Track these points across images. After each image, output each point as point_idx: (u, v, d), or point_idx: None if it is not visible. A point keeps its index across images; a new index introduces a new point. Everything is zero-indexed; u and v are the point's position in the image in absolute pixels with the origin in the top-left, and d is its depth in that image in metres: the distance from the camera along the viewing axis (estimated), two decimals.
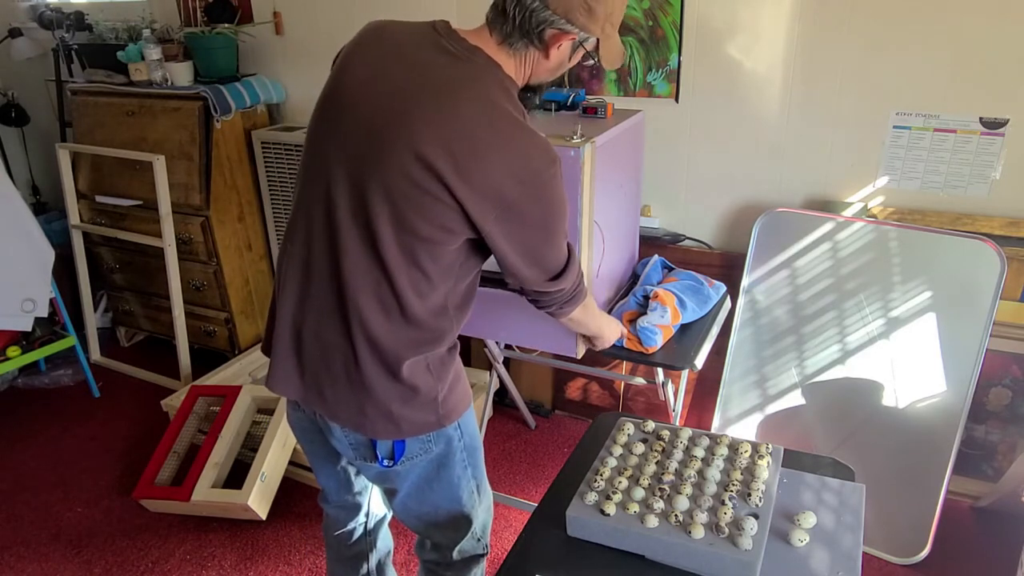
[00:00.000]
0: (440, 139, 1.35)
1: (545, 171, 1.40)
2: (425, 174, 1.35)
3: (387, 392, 1.54)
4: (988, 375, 2.58)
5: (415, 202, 1.38)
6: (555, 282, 1.56)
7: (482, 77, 1.43)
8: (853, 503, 1.55)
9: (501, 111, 1.39)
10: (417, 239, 1.41)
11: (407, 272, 1.45)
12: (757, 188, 2.86)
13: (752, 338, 2.78)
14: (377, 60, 1.48)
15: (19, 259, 3.24)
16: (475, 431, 1.76)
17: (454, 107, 1.37)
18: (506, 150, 1.37)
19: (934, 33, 2.43)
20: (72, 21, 3.85)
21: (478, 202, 1.37)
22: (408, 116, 1.37)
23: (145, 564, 2.68)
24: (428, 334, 1.53)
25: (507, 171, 1.37)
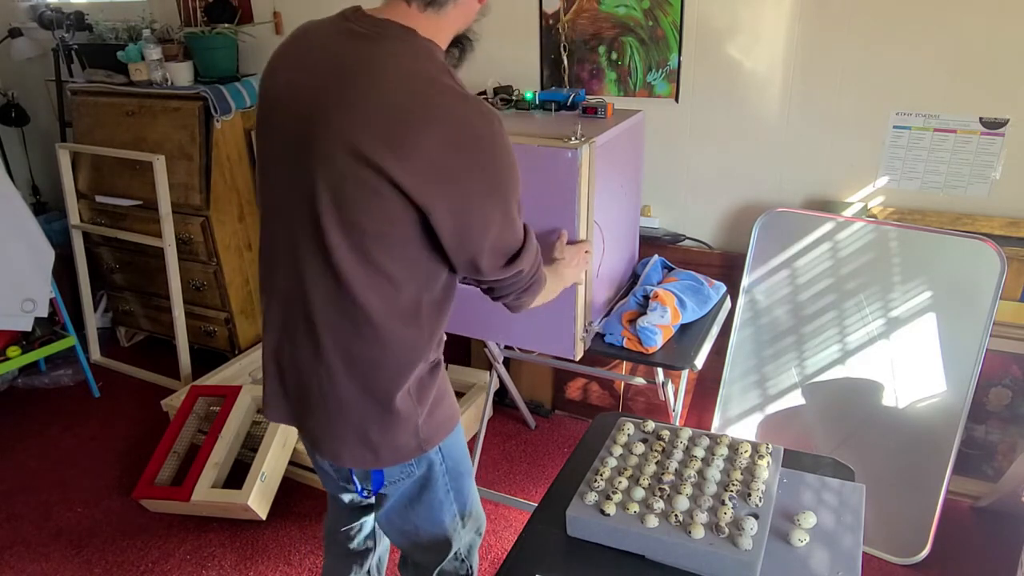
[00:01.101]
0: (366, 126, 1.27)
1: (485, 133, 1.30)
2: (359, 166, 1.27)
3: (363, 416, 1.49)
4: (988, 375, 2.58)
5: (357, 198, 1.30)
6: (512, 265, 1.44)
7: (396, 49, 1.33)
8: (853, 503, 1.55)
9: (424, 79, 1.30)
10: (367, 237, 1.33)
11: (365, 275, 1.36)
12: (757, 188, 2.86)
13: (752, 338, 2.78)
14: (296, 62, 1.41)
15: (19, 259, 3.23)
16: (461, 455, 1.71)
17: (373, 89, 1.28)
18: (437, 119, 1.27)
19: (934, 33, 2.43)
20: (72, 21, 3.85)
21: (418, 181, 1.27)
22: (330, 111, 1.30)
23: (145, 564, 2.68)
24: (400, 346, 1.44)
25: (442, 140, 1.26)
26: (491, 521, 2.82)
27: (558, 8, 2.93)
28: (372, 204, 1.30)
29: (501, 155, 1.33)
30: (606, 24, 2.87)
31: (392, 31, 1.35)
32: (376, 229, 1.32)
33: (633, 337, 2.31)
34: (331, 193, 1.32)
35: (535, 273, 1.54)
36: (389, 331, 1.42)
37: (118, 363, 4.01)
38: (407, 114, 1.26)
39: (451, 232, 1.33)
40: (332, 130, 1.29)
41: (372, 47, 1.33)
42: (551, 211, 2.08)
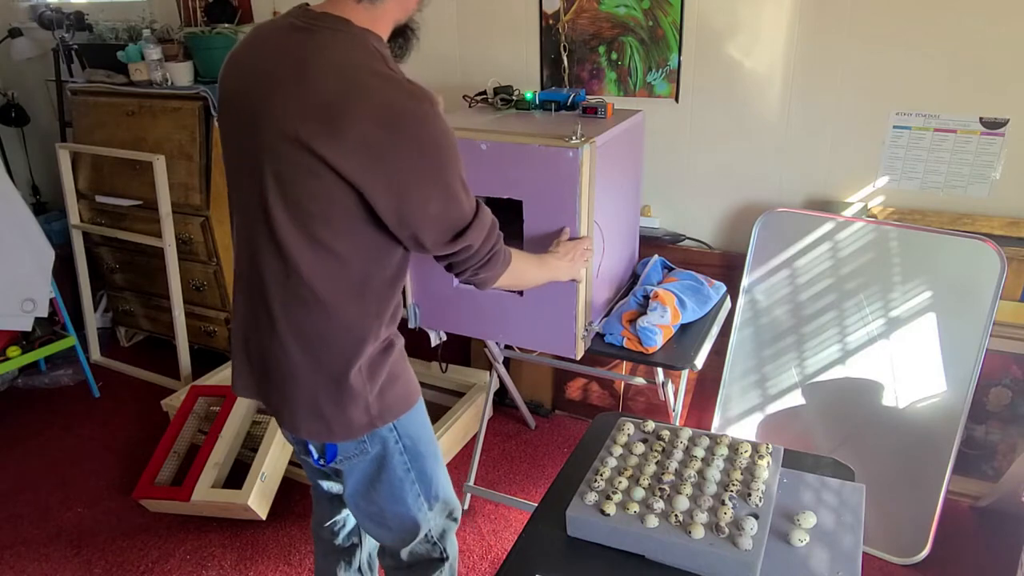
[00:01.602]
0: (301, 112, 1.34)
1: (412, 111, 1.36)
2: (297, 151, 1.35)
3: (317, 390, 1.55)
4: (988, 375, 2.58)
5: (298, 181, 1.38)
6: (459, 239, 1.47)
7: (330, 39, 1.40)
8: (853, 503, 1.55)
9: (354, 66, 1.37)
10: (311, 217, 1.41)
11: (311, 254, 1.44)
12: (757, 188, 2.86)
13: (752, 338, 2.78)
14: (244, 59, 1.51)
15: (19, 259, 3.23)
16: (420, 435, 1.73)
17: (306, 77, 1.36)
18: (365, 101, 1.33)
19: (934, 33, 2.43)
20: (72, 21, 3.85)
21: (351, 162, 1.34)
22: (269, 101, 1.39)
23: (145, 564, 2.68)
24: (349, 323, 1.51)
25: (371, 121, 1.33)
26: (491, 521, 2.82)
27: (558, 8, 2.93)
28: (312, 186, 1.38)
29: (433, 132, 1.37)
30: (606, 24, 2.87)
31: (327, 22, 1.42)
32: (319, 210, 1.40)
33: (633, 337, 2.31)
34: (275, 178, 1.40)
35: (491, 249, 1.55)
36: (336, 307, 1.48)
37: (118, 363, 4.01)
38: (337, 98, 1.33)
39: (389, 209, 1.39)
40: (272, 118, 1.38)
41: (308, 39, 1.41)
42: (551, 211, 2.08)
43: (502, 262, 1.61)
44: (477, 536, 2.76)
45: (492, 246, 1.55)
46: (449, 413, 3.17)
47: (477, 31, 3.15)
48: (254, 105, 1.43)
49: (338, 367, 1.53)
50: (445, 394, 3.47)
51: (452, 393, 3.44)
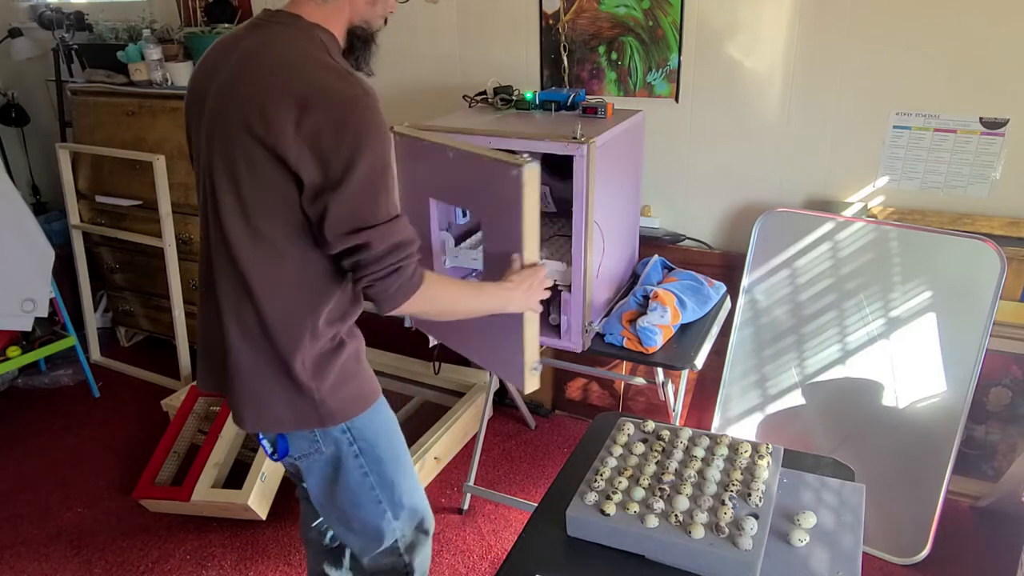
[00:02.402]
0: (244, 101, 1.40)
1: (349, 97, 1.38)
2: (240, 137, 1.40)
3: (260, 381, 1.56)
4: (988, 375, 2.58)
5: (240, 169, 1.43)
6: (359, 235, 1.41)
7: (278, 33, 1.47)
8: (853, 503, 1.55)
9: (296, 54, 1.43)
10: (250, 205, 1.45)
11: (250, 244, 1.47)
12: (757, 188, 2.86)
13: (752, 338, 2.78)
14: (204, 64, 1.56)
15: (19, 259, 3.23)
16: (378, 439, 1.70)
17: (250, 69, 1.43)
18: (302, 85, 1.38)
19: (934, 33, 2.43)
20: (72, 21, 3.85)
21: (286, 144, 1.37)
22: (220, 95, 1.46)
23: (145, 564, 2.68)
24: (284, 315, 1.51)
25: (306, 103, 1.36)
26: (491, 521, 2.82)
27: (558, 8, 2.93)
28: (252, 174, 1.42)
29: (365, 122, 1.38)
30: (606, 24, 2.87)
31: (279, 18, 1.50)
32: (259, 198, 1.44)
33: (633, 337, 2.31)
34: (222, 168, 1.46)
35: (394, 263, 1.45)
36: (272, 299, 1.50)
37: (118, 363, 4.01)
38: (277, 85, 1.38)
39: (312, 183, 1.39)
40: (219, 110, 1.45)
41: (259, 34, 1.48)
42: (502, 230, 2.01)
43: (408, 283, 1.49)
44: (477, 536, 2.76)
45: (397, 260, 1.46)
46: (449, 413, 3.17)
47: (477, 31, 3.15)
48: (205, 102, 1.49)
49: (278, 359, 1.54)
50: (445, 394, 3.47)
51: (452, 393, 3.44)
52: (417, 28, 3.27)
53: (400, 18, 3.24)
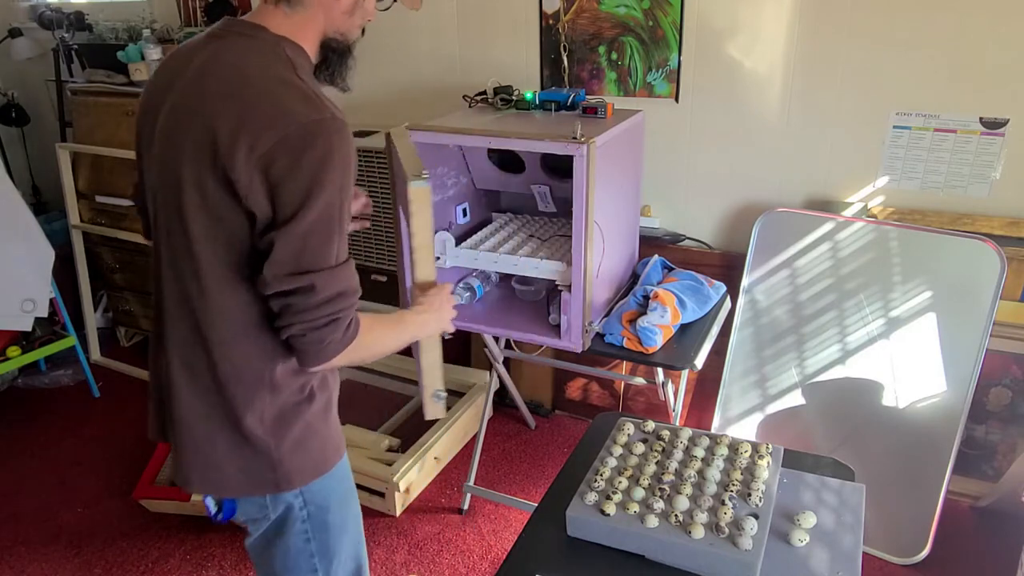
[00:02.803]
0: (194, 121, 1.28)
1: (311, 123, 1.25)
2: (187, 162, 1.28)
3: (210, 437, 1.41)
4: (988, 375, 2.58)
5: (187, 196, 1.29)
6: (304, 277, 1.26)
7: (238, 45, 1.33)
8: (853, 503, 1.55)
9: (256, 69, 1.30)
10: (197, 238, 1.31)
11: (202, 279, 1.33)
12: (757, 188, 2.86)
13: (752, 338, 2.78)
14: (157, 78, 1.43)
15: (19, 259, 3.23)
16: (331, 503, 1.55)
17: (203, 84, 1.30)
18: (259, 105, 1.25)
19: (934, 33, 2.43)
20: (72, 21, 3.85)
21: (237, 170, 1.23)
22: (170, 114, 1.33)
23: (145, 564, 2.68)
24: (239, 364, 1.37)
25: (262, 125, 1.23)
26: (491, 521, 2.82)
27: (558, 8, 2.93)
28: (203, 202, 1.29)
29: (326, 152, 1.25)
30: (606, 24, 2.87)
31: (241, 29, 1.36)
32: (210, 229, 1.30)
33: (633, 337, 2.31)
34: (172, 194, 1.32)
35: (334, 312, 1.31)
36: (225, 345, 1.36)
37: (118, 363, 4.01)
38: (235, 104, 1.26)
39: (262, 212, 1.26)
40: (171, 128, 1.33)
41: (217, 46, 1.35)
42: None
43: (343, 337, 1.34)
44: (477, 536, 2.76)
45: (337, 310, 1.31)
46: (449, 413, 3.17)
47: (477, 31, 3.15)
48: (157, 121, 1.36)
49: (232, 414, 1.39)
50: None
51: (452, 393, 3.44)
52: (417, 28, 3.27)
53: (400, 18, 3.24)
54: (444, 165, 2.52)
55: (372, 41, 3.39)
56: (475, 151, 2.60)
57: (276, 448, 1.42)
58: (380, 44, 3.37)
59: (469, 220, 2.70)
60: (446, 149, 2.49)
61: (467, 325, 2.53)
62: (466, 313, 2.56)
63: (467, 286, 2.59)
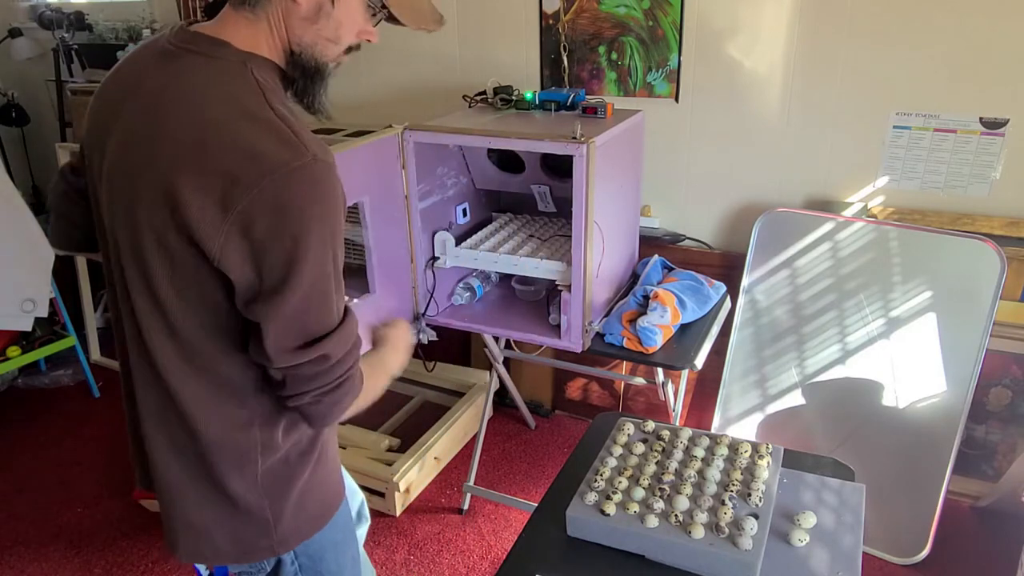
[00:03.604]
0: (151, 165, 1.08)
1: (285, 165, 1.05)
2: (150, 211, 1.09)
3: (194, 505, 1.27)
4: (988, 375, 2.58)
5: (146, 249, 1.11)
6: (314, 347, 1.12)
7: (196, 68, 1.12)
8: (853, 503, 1.55)
9: (219, 103, 1.09)
10: (160, 297, 1.14)
11: (168, 343, 1.17)
12: (757, 188, 2.86)
13: (752, 338, 2.78)
14: (105, 95, 1.22)
15: (19, 259, 3.23)
16: (325, 553, 1.43)
17: (158, 120, 1.10)
18: (224, 148, 1.05)
19: (934, 33, 2.43)
20: (72, 21, 3.85)
21: (202, 225, 1.05)
22: (119, 152, 1.14)
23: (145, 564, 2.68)
24: (219, 437, 1.22)
25: (230, 172, 1.04)
26: (491, 521, 2.82)
27: (558, 8, 2.93)
28: (166, 260, 1.11)
29: (306, 197, 1.07)
30: (606, 24, 2.87)
31: (200, 46, 1.14)
32: (176, 291, 1.13)
33: (633, 337, 2.31)
34: (129, 246, 1.14)
35: (348, 370, 1.18)
36: (207, 414, 1.21)
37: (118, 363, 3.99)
38: (198, 150, 1.06)
39: (241, 287, 1.10)
40: (123, 167, 1.13)
41: (172, 69, 1.14)
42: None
43: (354, 390, 1.22)
44: (477, 536, 2.75)
45: (347, 368, 1.18)
46: (449, 413, 3.17)
47: (477, 31, 3.15)
48: (106, 149, 1.16)
49: (219, 480, 1.24)
50: (445, 394, 3.47)
51: (452, 393, 3.44)
52: None
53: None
54: (444, 165, 2.52)
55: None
56: (475, 151, 2.60)
57: (271, 509, 1.28)
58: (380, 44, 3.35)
59: (469, 220, 2.69)
60: (446, 149, 2.49)
61: (467, 325, 2.53)
62: (466, 313, 2.57)
63: (467, 286, 2.59)
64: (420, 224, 2.41)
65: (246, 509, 1.26)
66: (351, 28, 1.22)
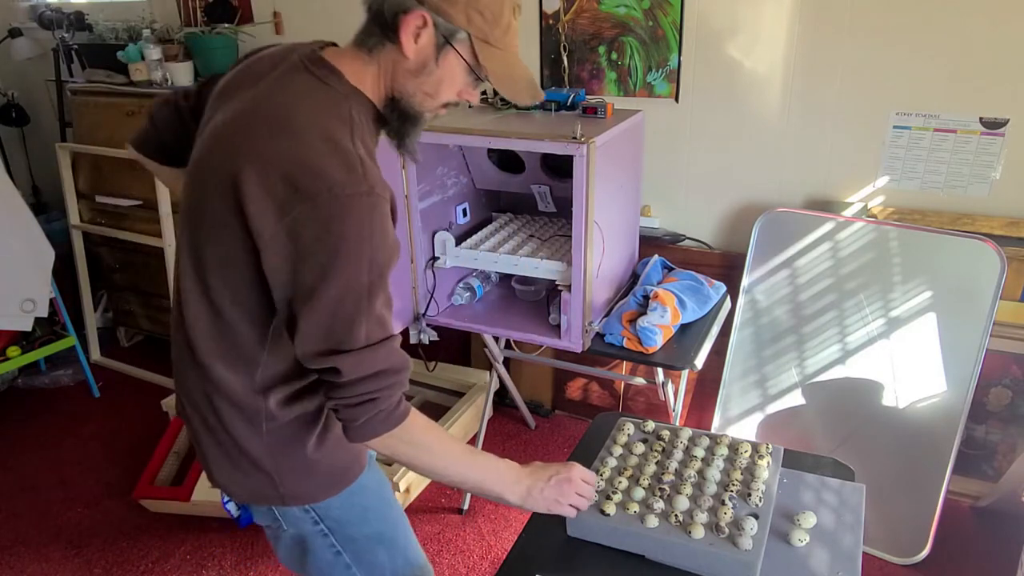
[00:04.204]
0: (238, 154, 1.19)
1: (346, 192, 1.15)
2: (220, 193, 1.21)
3: (213, 445, 1.41)
4: (988, 375, 2.58)
5: (209, 225, 1.25)
6: (330, 358, 1.20)
7: (306, 87, 1.26)
8: (853, 503, 1.55)
9: (309, 120, 1.22)
10: (208, 267, 1.27)
11: (201, 307, 1.31)
12: (757, 188, 2.86)
13: (752, 338, 2.78)
14: (228, 89, 1.35)
15: (19, 259, 3.23)
16: (351, 517, 1.51)
17: (257, 119, 1.23)
18: (298, 161, 1.16)
19: (934, 33, 2.43)
20: (72, 21, 3.85)
21: (261, 218, 1.17)
22: (222, 135, 1.26)
23: (145, 564, 2.68)
24: (234, 396, 1.34)
25: (294, 182, 1.15)
26: (491, 521, 2.82)
27: (558, 8, 2.93)
28: (219, 234, 1.23)
29: (358, 226, 1.16)
30: (606, 24, 2.87)
31: (320, 71, 1.28)
32: (218, 261, 1.26)
33: (633, 337, 2.31)
34: (197, 219, 1.28)
35: (368, 393, 1.24)
36: (214, 372, 1.33)
37: (118, 363, 4.00)
38: (275, 155, 1.17)
39: (279, 281, 1.20)
40: (209, 151, 1.27)
41: (286, 80, 1.27)
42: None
43: (383, 418, 1.28)
44: (477, 536, 2.75)
45: (374, 389, 1.24)
46: (449, 413, 3.16)
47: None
48: (209, 122, 1.32)
49: (230, 433, 1.38)
50: (445, 394, 3.47)
51: (452, 393, 3.44)
52: None
53: None
54: (444, 165, 2.52)
55: None
56: (475, 151, 2.60)
57: (275, 468, 1.39)
58: None
59: (469, 220, 2.70)
60: (446, 149, 2.49)
61: (467, 325, 2.53)
62: (466, 313, 2.57)
63: (467, 286, 2.60)
64: (420, 224, 2.42)
65: (254, 461, 1.38)
66: (451, 87, 1.32)
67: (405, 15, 1.23)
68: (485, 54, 1.29)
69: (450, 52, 1.27)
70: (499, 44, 1.30)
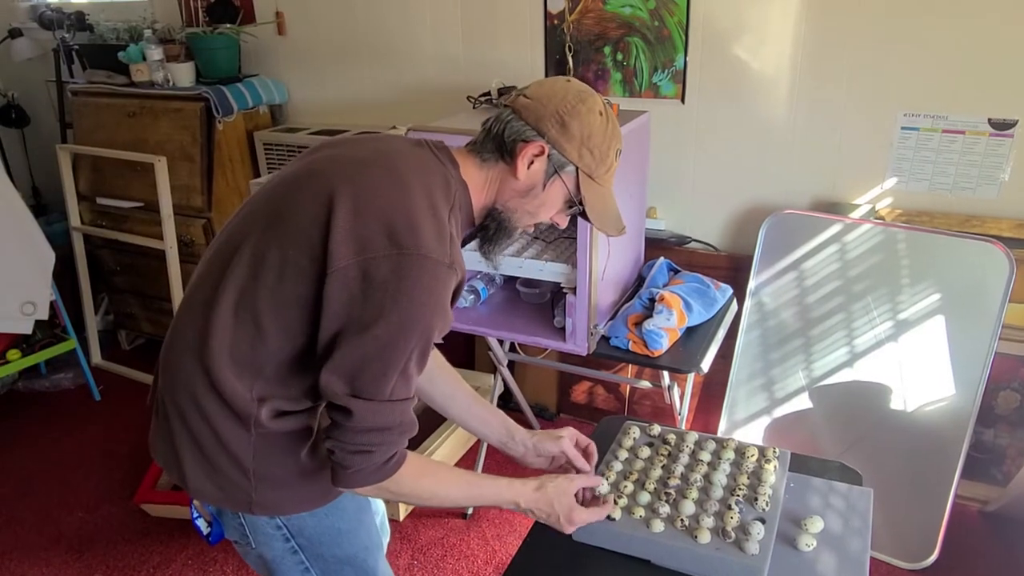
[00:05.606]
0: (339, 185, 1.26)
1: (427, 257, 1.22)
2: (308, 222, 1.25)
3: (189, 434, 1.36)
4: (997, 378, 2.56)
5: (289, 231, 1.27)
6: (349, 399, 1.23)
7: (423, 161, 1.35)
8: (861, 507, 1.54)
9: (415, 183, 1.29)
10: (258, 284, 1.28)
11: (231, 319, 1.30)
12: (764, 190, 2.84)
13: (759, 341, 2.76)
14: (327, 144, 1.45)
15: (19, 261, 3.22)
16: (323, 538, 1.49)
17: (373, 157, 1.33)
18: (400, 214, 1.23)
19: (942, 33, 2.42)
20: (72, 21, 3.84)
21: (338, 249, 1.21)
22: (332, 165, 1.32)
23: (146, 569, 2.67)
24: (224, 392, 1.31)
25: (392, 229, 1.22)
26: (495, 526, 2.80)
27: (563, 8, 2.92)
28: (296, 239, 1.26)
29: (416, 285, 1.21)
30: (611, 24, 2.86)
31: (439, 151, 1.39)
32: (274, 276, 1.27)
33: (639, 340, 2.29)
34: (272, 220, 1.30)
35: (368, 444, 1.27)
36: (218, 373, 1.30)
37: (119, 366, 3.99)
38: (379, 197, 1.25)
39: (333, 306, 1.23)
40: (317, 175, 1.31)
41: (411, 148, 1.38)
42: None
43: (372, 472, 1.30)
44: (481, 541, 2.74)
45: (372, 443, 1.27)
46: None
47: (481, 31, 3.14)
48: (319, 157, 1.38)
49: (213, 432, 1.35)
50: None
51: None
52: (421, 28, 3.26)
53: (403, 18, 3.24)
54: None
55: (376, 41, 3.38)
56: None
57: (253, 469, 1.36)
58: (384, 44, 3.36)
59: None
60: None
61: (471, 328, 2.52)
62: (470, 316, 2.55)
63: (471, 289, 2.58)
64: None
65: (233, 456, 1.34)
66: (549, 210, 1.46)
67: (525, 144, 1.36)
68: (586, 187, 1.42)
69: (557, 181, 1.40)
70: (600, 181, 1.44)
